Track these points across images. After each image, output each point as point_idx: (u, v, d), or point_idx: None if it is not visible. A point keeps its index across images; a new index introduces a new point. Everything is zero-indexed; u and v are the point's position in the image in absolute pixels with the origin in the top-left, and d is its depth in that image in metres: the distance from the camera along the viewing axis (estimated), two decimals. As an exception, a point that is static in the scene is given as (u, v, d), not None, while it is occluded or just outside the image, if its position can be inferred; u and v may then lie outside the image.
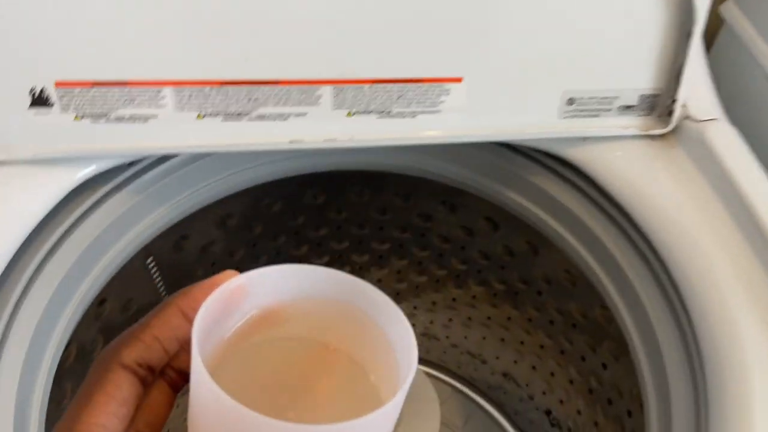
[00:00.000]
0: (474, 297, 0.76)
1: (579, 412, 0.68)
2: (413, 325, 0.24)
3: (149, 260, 0.62)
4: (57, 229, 0.45)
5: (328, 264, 0.79)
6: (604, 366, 0.59)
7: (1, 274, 0.41)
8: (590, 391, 0.64)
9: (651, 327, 0.44)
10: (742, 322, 0.37)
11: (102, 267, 0.49)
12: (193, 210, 0.56)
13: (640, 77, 0.45)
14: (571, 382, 0.67)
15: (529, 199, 0.52)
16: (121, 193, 0.48)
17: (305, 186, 0.67)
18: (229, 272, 0.25)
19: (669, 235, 0.42)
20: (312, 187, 0.67)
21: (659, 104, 0.45)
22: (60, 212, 0.45)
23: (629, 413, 0.56)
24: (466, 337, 0.83)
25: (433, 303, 0.82)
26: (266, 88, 0.42)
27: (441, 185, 0.60)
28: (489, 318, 0.76)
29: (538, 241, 0.61)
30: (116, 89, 0.42)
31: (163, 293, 0.66)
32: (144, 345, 0.25)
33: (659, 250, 0.42)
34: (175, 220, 0.55)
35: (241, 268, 0.76)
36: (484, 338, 0.80)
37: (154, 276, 0.64)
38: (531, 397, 0.78)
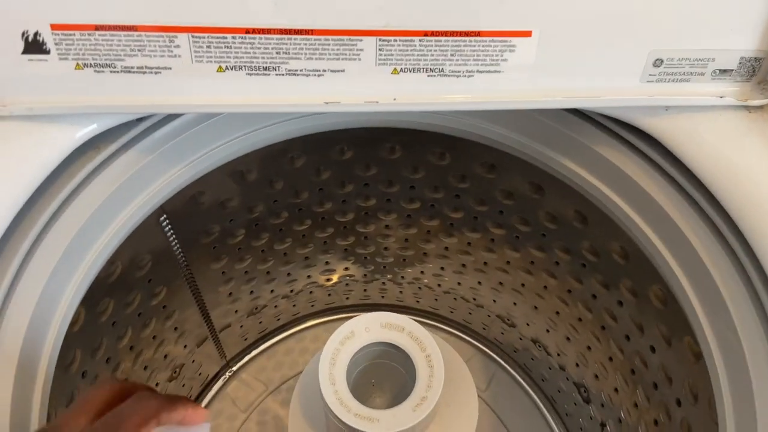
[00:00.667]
0: (508, 263, 0.71)
1: (616, 390, 0.64)
2: (438, 285, 0.19)
3: (162, 218, 0.57)
4: (58, 194, 0.40)
5: (353, 221, 0.73)
6: (653, 349, 0.55)
7: (-3, 247, 0.36)
8: (632, 371, 0.59)
9: (730, 321, 0.39)
10: None
11: (111, 233, 0.45)
12: (210, 169, 0.50)
13: (742, 37, 0.37)
14: (611, 359, 0.63)
15: (590, 169, 0.46)
16: (129, 153, 0.43)
17: (332, 141, 0.60)
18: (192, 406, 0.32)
19: (762, 223, 0.36)
20: (339, 142, 0.61)
21: (761, 70, 0.38)
22: (61, 175, 0.40)
23: (678, 402, 0.51)
24: (494, 301, 0.79)
25: (463, 265, 0.77)
26: (298, 38, 0.36)
27: (483, 145, 0.54)
28: (522, 285, 0.72)
29: (587, 211, 0.55)
30: (123, 35, 0.35)
31: (177, 251, 0.62)
32: None
33: (750, 239, 0.37)
34: (191, 180, 0.49)
35: (261, 224, 0.71)
36: (514, 304, 0.75)
37: (168, 233, 0.59)
38: (562, 368, 0.74)
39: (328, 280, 0.85)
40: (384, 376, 0.48)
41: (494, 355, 0.85)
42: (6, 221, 0.37)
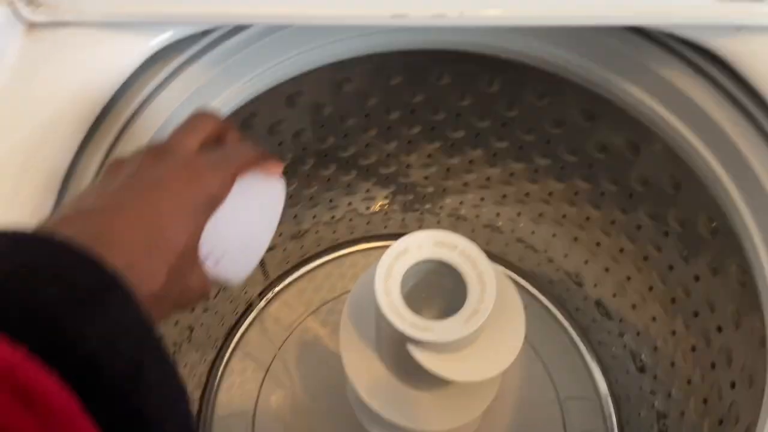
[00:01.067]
0: (550, 194, 0.71)
1: (654, 319, 0.65)
2: (477, 217, 0.21)
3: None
4: (127, 108, 0.41)
5: (396, 149, 0.74)
6: (696, 278, 0.56)
7: (75, 153, 0.38)
8: (673, 300, 0.61)
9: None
10: None
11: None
12: (267, 87, 0.51)
13: (826, -48, 0.36)
14: (651, 289, 0.64)
15: (651, 93, 0.46)
16: (194, 66, 0.43)
17: (380, 67, 0.60)
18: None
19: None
20: (386, 67, 0.61)
21: (843, -12, 0.37)
22: (134, 83, 0.41)
23: (719, 329, 0.53)
24: (533, 233, 0.80)
25: (503, 196, 0.77)
26: (370, -53, 0.35)
27: (535, 69, 0.54)
28: (564, 216, 0.72)
29: (640, 139, 0.55)
30: (194, -58, 0.35)
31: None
32: None
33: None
34: (249, 98, 0.50)
35: (307, 149, 0.72)
36: (554, 235, 0.76)
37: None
38: (598, 301, 0.76)
39: (368, 208, 0.86)
40: (435, 293, 0.49)
41: (529, 287, 0.86)
42: (81, 133, 0.39)
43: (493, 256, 0.89)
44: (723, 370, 0.51)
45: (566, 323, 0.84)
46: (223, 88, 0.46)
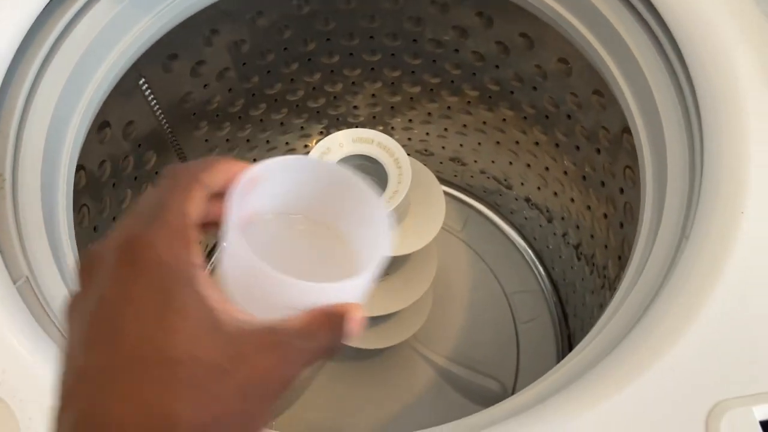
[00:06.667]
0: (469, 103, 0.76)
1: (572, 200, 0.72)
2: (409, 139, 0.25)
3: (142, 82, 0.61)
4: (44, 44, 0.44)
5: (321, 81, 0.78)
6: (598, 151, 0.62)
7: None
8: (584, 177, 0.67)
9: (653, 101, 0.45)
10: (737, 61, 0.38)
11: (96, 83, 0.49)
12: (178, 21, 0.54)
13: None
14: (566, 173, 0.70)
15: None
16: (101, 3, 0.46)
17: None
18: (233, 163, 0.26)
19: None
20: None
21: None
22: (44, 24, 0.43)
23: (621, 190, 0.59)
24: (461, 145, 0.85)
25: (429, 114, 0.82)
26: None
27: None
28: (485, 123, 0.78)
29: (533, 32, 0.60)
30: None
31: (161, 118, 0.66)
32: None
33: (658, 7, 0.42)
34: (161, 33, 0.53)
35: (234, 89, 0.75)
36: (479, 144, 0.82)
37: (150, 99, 0.63)
38: (527, 197, 0.82)
39: (306, 146, 0.90)
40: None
41: (468, 199, 0.92)
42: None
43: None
44: (630, 226, 0.58)
45: (505, 226, 0.90)
46: (133, 23, 0.49)
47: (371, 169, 0.51)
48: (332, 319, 0.24)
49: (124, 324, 0.22)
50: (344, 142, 0.51)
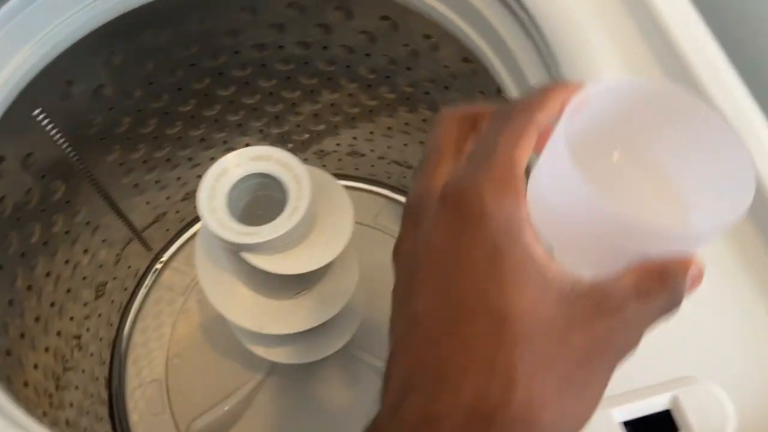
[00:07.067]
0: (350, 95, 0.76)
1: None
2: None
3: (37, 112, 0.59)
4: None
5: (235, 94, 0.76)
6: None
7: None
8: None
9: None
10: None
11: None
12: (62, 48, 0.52)
13: None
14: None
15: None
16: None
17: (187, 7, 0.62)
18: (564, 88, 0.23)
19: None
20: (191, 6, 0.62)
21: None
22: None
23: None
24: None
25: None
26: None
27: None
28: (371, 111, 0.78)
29: (399, 18, 0.60)
30: None
31: (65, 146, 0.64)
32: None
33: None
34: (45, 61, 0.51)
35: (143, 110, 0.72)
36: (371, 133, 0.82)
37: (49, 129, 0.61)
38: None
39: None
40: (269, 208, 0.53)
41: (377, 189, 0.93)
42: None
43: (364, 180, 0.94)
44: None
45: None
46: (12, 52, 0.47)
47: (275, 188, 0.50)
48: (667, 277, 0.22)
49: (455, 275, 0.22)
50: (241, 161, 0.50)
